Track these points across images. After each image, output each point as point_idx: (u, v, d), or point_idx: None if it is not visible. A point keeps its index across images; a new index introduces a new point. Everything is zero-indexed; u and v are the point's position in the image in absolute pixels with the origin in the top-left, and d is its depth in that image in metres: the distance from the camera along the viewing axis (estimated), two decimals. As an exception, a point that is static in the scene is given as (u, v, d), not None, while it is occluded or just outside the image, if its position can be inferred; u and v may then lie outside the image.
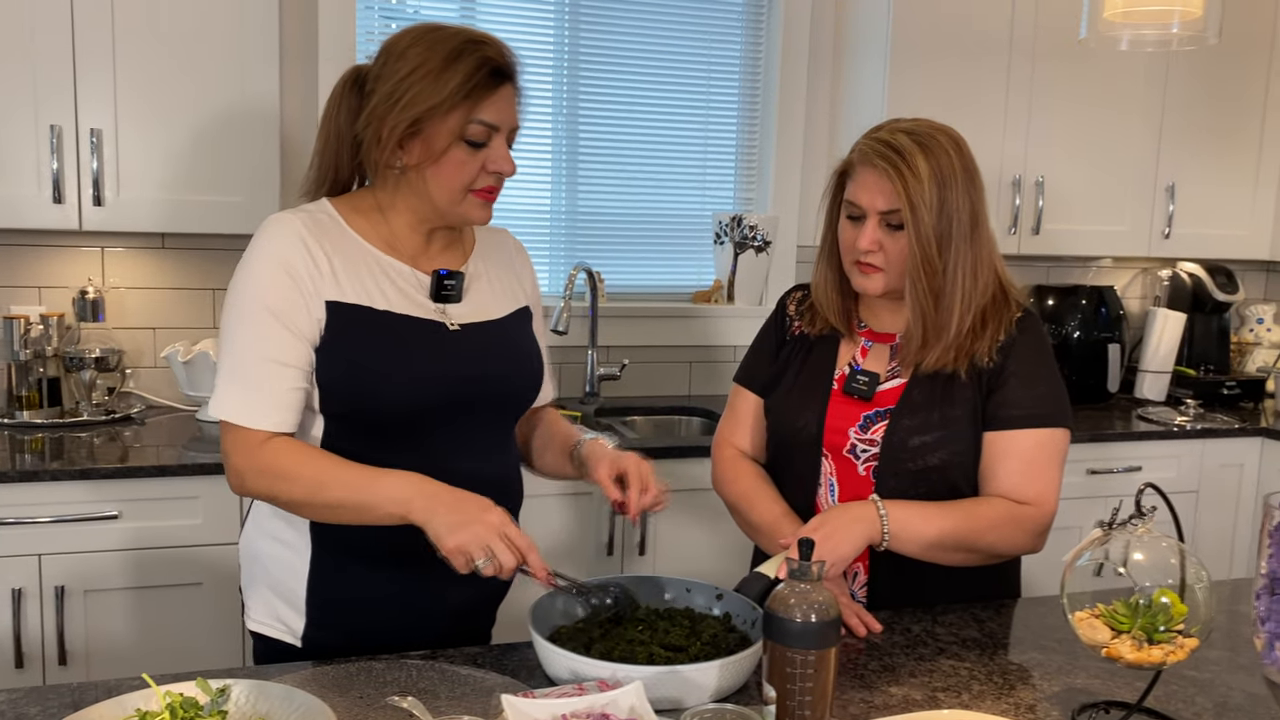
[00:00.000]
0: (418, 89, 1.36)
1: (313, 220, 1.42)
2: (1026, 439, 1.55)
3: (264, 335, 1.36)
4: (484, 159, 1.40)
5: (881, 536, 1.45)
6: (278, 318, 1.36)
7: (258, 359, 1.36)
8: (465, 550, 1.26)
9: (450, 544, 1.26)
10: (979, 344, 1.56)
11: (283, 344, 1.37)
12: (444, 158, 1.38)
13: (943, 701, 1.27)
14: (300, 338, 1.38)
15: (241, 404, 1.36)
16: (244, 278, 1.39)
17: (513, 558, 1.27)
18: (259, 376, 1.36)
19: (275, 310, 1.36)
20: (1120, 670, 1.35)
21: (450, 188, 1.41)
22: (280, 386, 1.37)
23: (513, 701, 1.09)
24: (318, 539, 1.45)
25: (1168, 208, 3.32)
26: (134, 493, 2.25)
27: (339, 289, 1.40)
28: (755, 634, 1.33)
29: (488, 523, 1.27)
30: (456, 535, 1.26)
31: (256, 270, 1.38)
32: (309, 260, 1.39)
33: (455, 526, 1.26)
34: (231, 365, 1.38)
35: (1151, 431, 3.07)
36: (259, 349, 1.36)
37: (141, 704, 1.09)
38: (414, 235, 1.48)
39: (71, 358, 2.61)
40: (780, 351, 1.73)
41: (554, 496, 2.56)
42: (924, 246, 1.50)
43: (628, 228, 3.25)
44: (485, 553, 1.26)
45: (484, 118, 1.38)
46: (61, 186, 2.37)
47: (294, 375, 1.37)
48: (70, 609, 2.23)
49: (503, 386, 1.51)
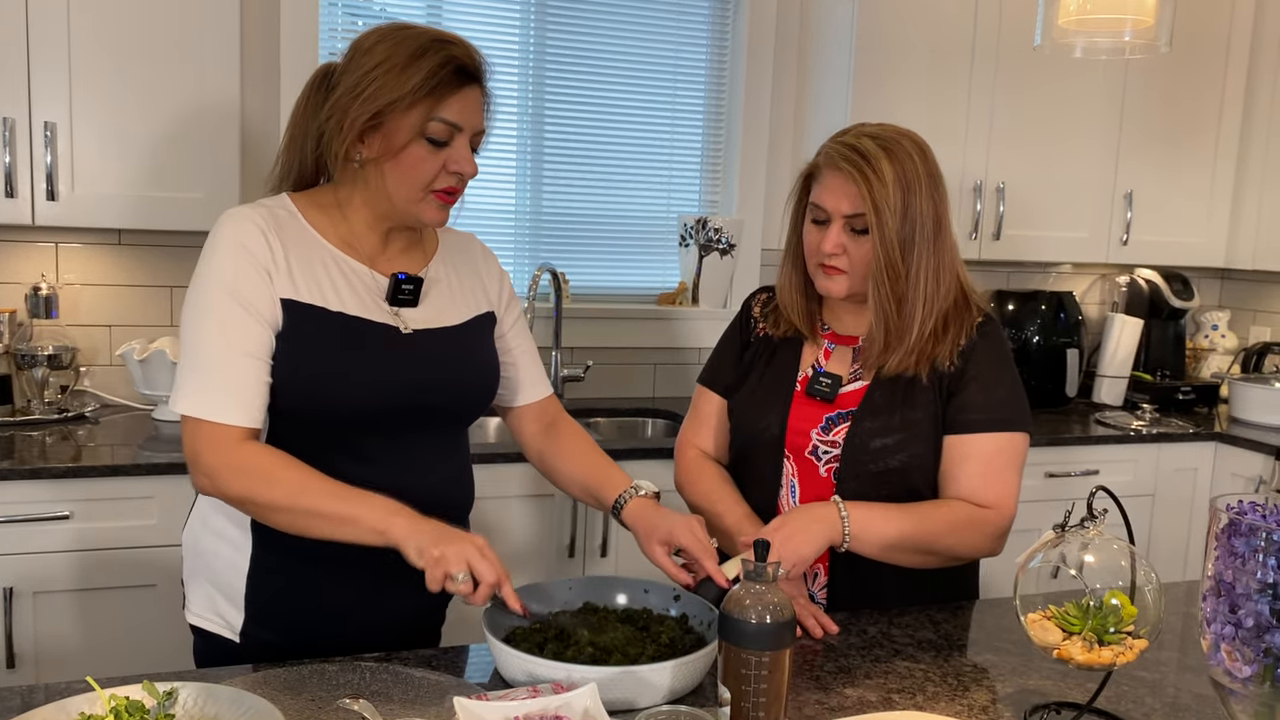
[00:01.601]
0: (380, 82, 1.35)
1: (270, 215, 1.41)
2: (986, 443, 1.56)
3: (230, 325, 1.34)
4: (445, 158, 1.39)
5: (843, 537, 1.46)
6: (242, 305, 1.34)
7: (223, 351, 1.33)
8: (446, 561, 1.24)
9: (435, 552, 1.24)
10: (940, 348, 1.57)
11: (249, 334, 1.34)
12: (403, 153, 1.37)
13: (898, 703, 1.28)
14: (265, 325, 1.35)
15: (209, 399, 1.33)
16: (205, 269, 1.37)
17: (494, 574, 1.26)
18: (228, 371, 1.33)
19: (239, 297, 1.34)
20: (1073, 671, 1.36)
21: (409, 185, 1.39)
22: (249, 381, 1.34)
23: (465, 704, 1.08)
24: (259, 537, 1.43)
25: (1126, 215, 3.36)
26: (86, 493, 2.21)
27: (294, 287, 1.38)
28: (712, 635, 1.33)
29: (472, 540, 1.27)
30: (441, 545, 1.25)
31: (218, 259, 1.36)
32: (267, 252, 1.37)
33: (438, 539, 1.26)
34: (195, 358, 1.34)
35: (1108, 436, 3.11)
36: (226, 341, 1.33)
37: (86, 708, 1.07)
38: (371, 234, 1.46)
39: (24, 355, 2.56)
40: (744, 353, 1.74)
41: (515, 499, 2.55)
42: (888, 251, 1.51)
43: (592, 229, 3.25)
44: (464, 566, 1.24)
45: (446, 116, 1.37)
46: (14, 180, 2.33)
47: (262, 368, 1.35)
48: (19, 611, 2.18)
49: (452, 394, 1.49)
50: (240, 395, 1.33)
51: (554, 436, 1.66)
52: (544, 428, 1.67)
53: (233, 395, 1.33)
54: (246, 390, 1.34)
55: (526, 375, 1.66)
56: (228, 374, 1.33)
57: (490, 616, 1.31)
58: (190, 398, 1.33)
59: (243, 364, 1.33)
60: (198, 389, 1.33)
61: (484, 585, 1.26)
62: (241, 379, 1.33)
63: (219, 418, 1.32)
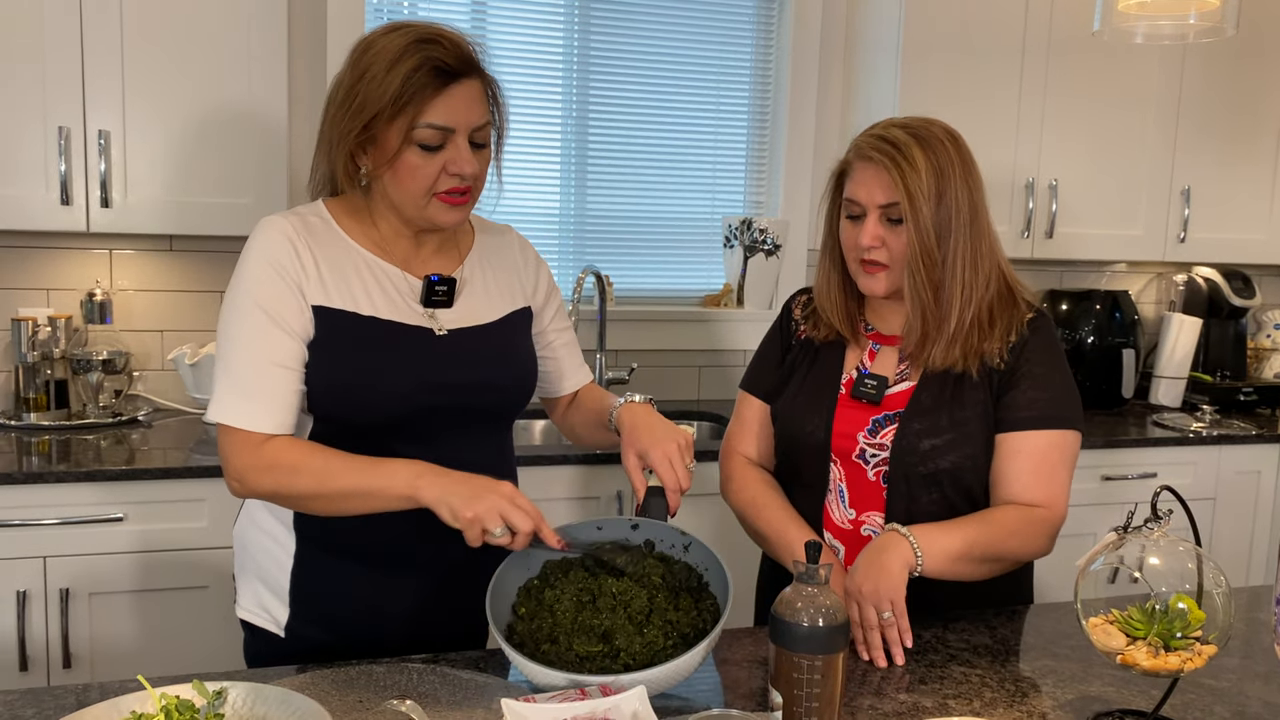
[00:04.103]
0: (365, 93, 1.33)
1: (303, 223, 1.41)
2: (1038, 440, 1.52)
3: (260, 336, 1.35)
4: (442, 161, 1.36)
5: (915, 556, 1.41)
6: (271, 318, 1.36)
7: (255, 361, 1.35)
8: (481, 520, 1.24)
9: (467, 515, 1.24)
10: (988, 344, 1.54)
11: (278, 345, 1.35)
12: (398, 163, 1.36)
13: (953, 709, 1.24)
14: (294, 337, 1.37)
15: (241, 408, 1.35)
16: (237, 280, 1.39)
17: (529, 524, 1.25)
18: (257, 380, 1.35)
19: (269, 310, 1.36)
20: (1135, 678, 1.32)
21: (410, 192, 1.38)
22: (279, 389, 1.35)
23: (513, 706, 1.07)
24: (302, 534, 1.44)
25: (1183, 212, 3.28)
26: (140, 495, 2.24)
27: (325, 293, 1.39)
28: (689, 555, 1.36)
29: (501, 493, 1.26)
30: (473, 506, 1.24)
31: (248, 271, 1.38)
32: (296, 261, 1.38)
33: (470, 498, 1.25)
34: (229, 368, 1.37)
35: (1167, 438, 3.03)
36: (256, 351, 1.35)
37: (137, 706, 1.07)
38: (401, 238, 1.46)
39: (79, 360, 2.61)
40: (786, 357, 1.71)
41: (562, 501, 2.54)
42: (923, 238, 1.48)
43: (637, 231, 3.24)
44: (500, 522, 1.24)
45: (432, 120, 1.34)
46: (69, 188, 2.37)
47: (291, 377, 1.36)
48: (75, 612, 2.22)
49: (490, 393, 1.48)
50: (268, 402, 1.34)
51: (575, 398, 1.69)
52: (571, 398, 1.70)
53: (260, 402, 1.34)
54: (274, 398, 1.35)
55: (568, 366, 1.67)
56: (256, 383, 1.35)
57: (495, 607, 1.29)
58: (221, 405, 1.36)
59: (271, 373, 1.35)
60: (227, 397, 1.35)
61: (521, 535, 1.26)
62: (269, 387, 1.35)
63: (246, 424, 1.34)
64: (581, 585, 1.32)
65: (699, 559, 1.38)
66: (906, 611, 1.39)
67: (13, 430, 2.50)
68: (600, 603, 1.30)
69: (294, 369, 1.36)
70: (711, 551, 1.37)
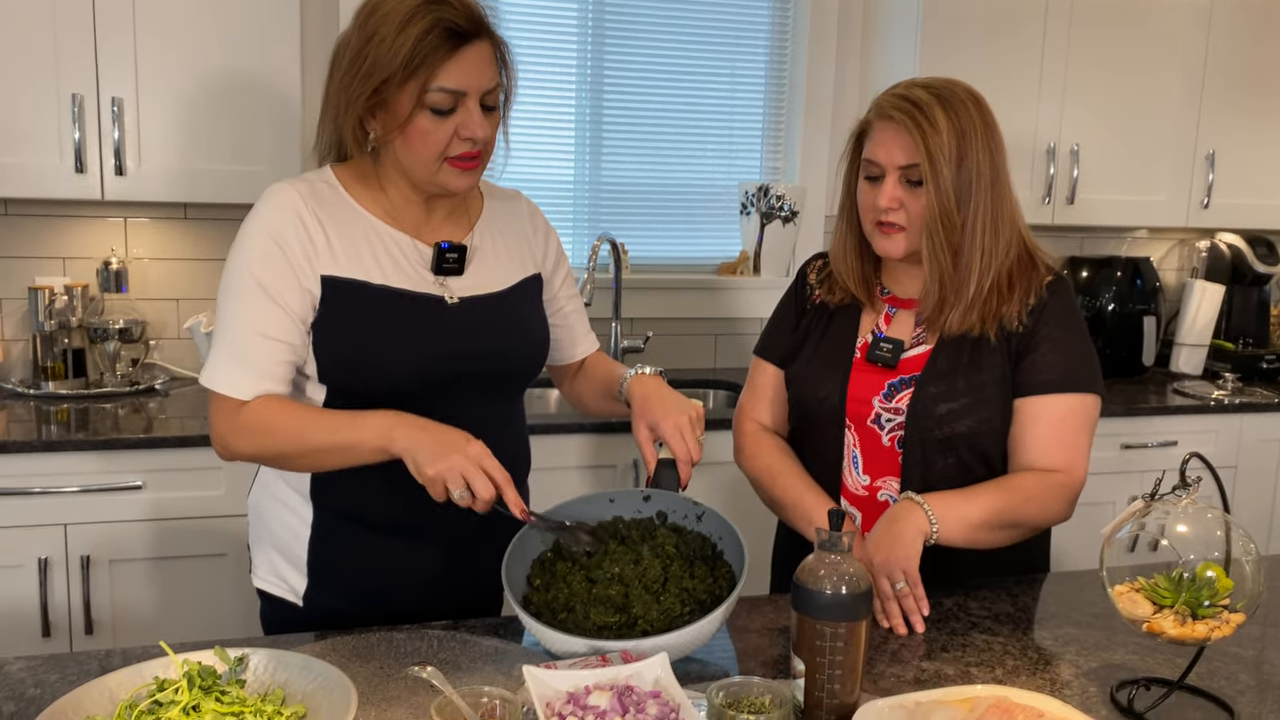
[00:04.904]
0: (374, 57, 1.30)
1: (311, 190, 1.40)
2: (1057, 404, 1.50)
3: (252, 307, 1.34)
4: (454, 125, 1.33)
5: (929, 524, 1.40)
6: (265, 291, 1.34)
7: (245, 331, 1.34)
8: (442, 478, 1.23)
9: (429, 472, 1.23)
10: (1007, 307, 1.52)
11: (269, 317, 1.34)
12: (409, 127, 1.33)
13: (976, 677, 1.24)
14: (288, 312, 1.35)
15: (227, 374, 1.35)
16: (236, 248, 1.38)
17: (489, 490, 1.24)
18: (246, 348, 1.34)
19: (263, 283, 1.34)
20: (1159, 646, 1.30)
21: (422, 158, 1.35)
22: (267, 358, 1.35)
23: (535, 673, 1.06)
24: (318, 502, 1.44)
25: (1207, 177, 3.23)
26: (158, 463, 2.24)
27: (334, 262, 1.37)
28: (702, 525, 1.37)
29: (468, 454, 1.24)
30: (435, 464, 1.23)
31: (247, 241, 1.37)
32: (303, 233, 1.36)
33: (434, 455, 1.24)
34: (222, 336, 1.36)
35: (1187, 405, 3.00)
36: (247, 321, 1.34)
37: (160, 672, 1.07)
38: (411, 205, 1.44)
39: (95, 329, 2.61)
40: (800, 321, 1.69)
41: (574, 470, 2.54)
42: (943, 201, 1.46)
43: (652, 198, 3.21)
44: (461, 484, 1.23)
45: (444, 84, 1.31)
46: (84, 156, 2.36)
47: (281, 349, 1.36)
48: (96, 579, 2.23)
49: (501, 361, 1.47)
50: (253, 371, 1.34)
51: (582, 366, 1.69)
52: (578, 366, 1.69)
53: (246, 371, 1.34)
54: (260, 367, 1.34)
55: (577, 333, 1.67)
56: (242, 352, 1.34)
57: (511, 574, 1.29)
58: (210, 371, 1.36)
59: (259, 344, 1.34)
60: (218, 364, 1.36)
61: (480, 500, 1.24)
62: (256, 357, 1.34)
63: (229, 390, 1.34)
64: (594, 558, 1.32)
65: (712, 528, 1.38)
66: (921, 581, 1.39)
67: (31, 399, 2.51)
68: (612, 573, 1.29)
69: (283, 341, 1.35)
70: (725, 520, 1.37)
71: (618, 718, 0.99)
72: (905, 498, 1.43)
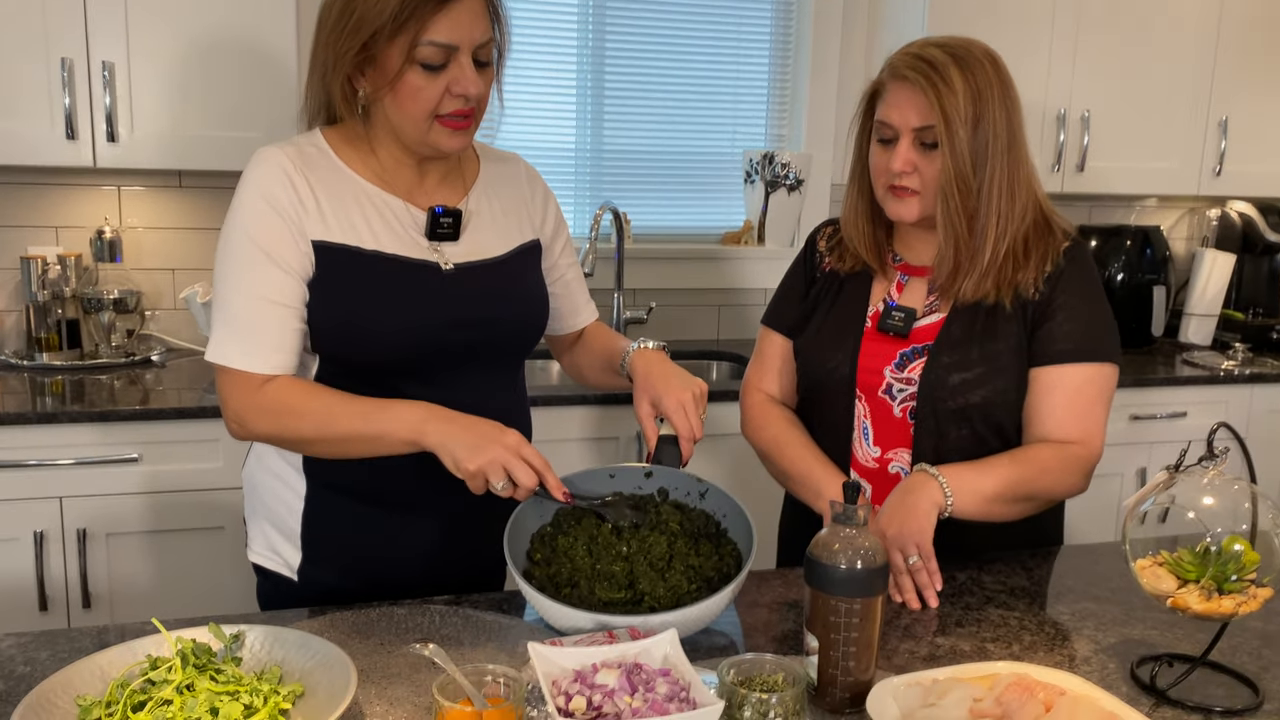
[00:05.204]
0: (361, 11, 1.26)
1: (299, 153, 1.35)
2: (1074, 374, 1.47)
3: (255, 274, 1.30)
4: (445, 81, 1.29)
5: (944, 496, 1.36)
6: (267, 255, 1.30)
7: (251, 300, 1.30)
8: (484, 473, 1.21)
9: (470, 467, 1.20)
10: (1023, 274, 1.48)
11: (275, 283, 1.30)
12: (399, 83, 1.28)
13: (993, 653, 1.21)
14: (292, 274, 1.31)
15: (238, 348, 1.30)
16: (232, 216, 1.33)
17: (531, 479, 1.22)
18: (254, 319, 1.30)
19: (264, 247, 1.30)
20: (1179, 621, 1.28)
21: (412, 116, 1.30)
22: (276, 328, 1.31)
23: (540, 650, 1.03)
24: (311, 475, 1.41)
25: (1220, 143, 3.17)
26: (154, 435, 2.21)
27: (325, 227, 1.33)
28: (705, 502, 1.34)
29: (506, 444, 1.22)
30: (476, 458, 1.20)
31: (242, 206, 1.32)
32: (293, 195, 1.32)
33: (473, 449, 1.21)
34: (226, 307, 1.32)
35: (1197, 376, 2.96)
36: (252, 290, 1.30)
37: (153, 649, 1.04)
38: (403, 167, 1.39)
39: (90, 299, 2.57)
40: (810, 290, 1.65)
41: (575, 442, 2.51)
42: (958, 164, 1.41)
43: (655, 166, 3.15)
44: (503, 475, 1.21)
45: (434, 38, 1.26)
46: (74, 122, 2.31)
47: (289, 315, 1.31)
48: (93, 552, 2.21)
49: (500, 330, 1.43)
50: (265, 342, 1.30)
51: (580, 337, 1.65)
52: (577, 336, 1.66)
53: (257, 342, 1.30)
54: (272, 337, 1.30)
55: (577, 302, 1.63)
56: (252, 322, 1.30)
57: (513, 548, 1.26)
58: (218, 346, 1.32)
59: (268, 311, 1.30)
60: (224, 337, 1.31)
61: (522, 489, 1.22)
62: (266, 326, 1.30)
63: (244, 365, 1.30)
64: (593, 533, 1.29)
65: (716, 505, 1.34)
66: (935, 554, 1.35)
67: (25, 370, 2.47)
68: (616, 550, 1.26)
69: (292, 306, 1.31)
70: (730, 496, 1.34)
71: (626, 696, 0.96)
72: (919, 469, 1.39)
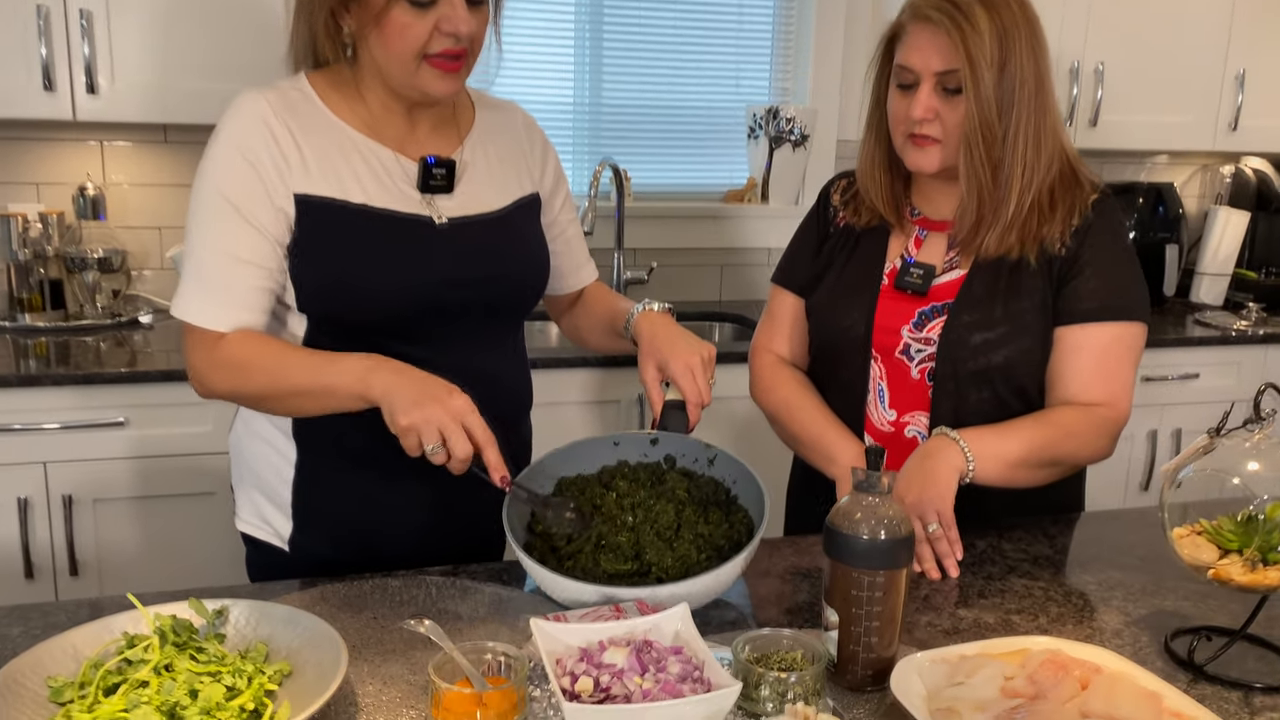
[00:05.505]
0: None
1: (282, 99, 1.27)
2: (1100, 333, 1.40)
3: (223, 229, 1.23)
4: (435, 19, 1.21)
5: (965, 461, 1.30)
6: (237, 210, 1.23)
7: (217, 256, 1.23)
8: (416, 430, 1.11)
9: (402, 422, 1.12)
10: (1048, 228, 1.41)
11: (242, 239, 1.23)
12: (385, 20, 1.20)
13: (1019, 626, 1.15)
14: (262, 233, 1.24)
15: (200, 304, 1.24)
16: (204, 166, 1.26)
17: (466, 449, 1.11)
18: (219, 274, 1.24)
19: (234, 202, 1.23)
20: (1212, 591, 1.21)
21: (398, 55, 1.22)
22: (242, 285, 1.24)
23: (543, 626, 0.97)
24: (301, 440, 1.34)
25: (1236, 97, 3.08)
26: (141, 399, 2.15)
27: (308, 179, 1.25)
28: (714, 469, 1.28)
29: (449, 406, 1.12)
30: (410, 414, 1.11)
31: (214, 158, 1.25)
32: (273, 146, 1.24)
33: (411, 404, 1.12)
34: (192, 261, 1.25)
35: (1209, 337, 2.91)
36: (218, 245, 1.23)
37: (130, 627, 0.98)
38: (393, 114, 1.31)
39: (73, 258, 2.48)
40: (823, 246, 1.58)
41: (575, 405, 2.45)
42: (983, 110, 1.34)
43: (656, 122, 3.07)
44: (437, 438, 1.11)
45: None
46: (52, 73, 2.21)
47: (256, 273, 1.24)
48: (79, 519, 2.15)
49: (497, 289, 1.35)
50: (228, 299, 1.23)
51: (580, 297, 1.58)
52: (576, 296, 1.59)
53: (220, 300, 1.23)
54: (235, 295, 1.24)
55: (578, 260, 1.56)
56: (217, 279, 1.24)
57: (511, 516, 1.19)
58: (181, 301, 1.25)
59: (233, 269, 1.23)
60: (188, 293, 1.25)
61: (455, 460, 1.12)
62: (230, 283, 1.23)
63: (204, 321, 1.24)
64: (597, 502, 1.23)
65: (725, 471, 1.28)
66: (956, 522, 1.29)
67: (7, 332, 2.40)
68: (621, 519, 1.20)
69: (259, 265, 1.24)
70: (740, 462, 1.27)
71: (637, 677, 0.89)
72: (939, 433, 1.33)
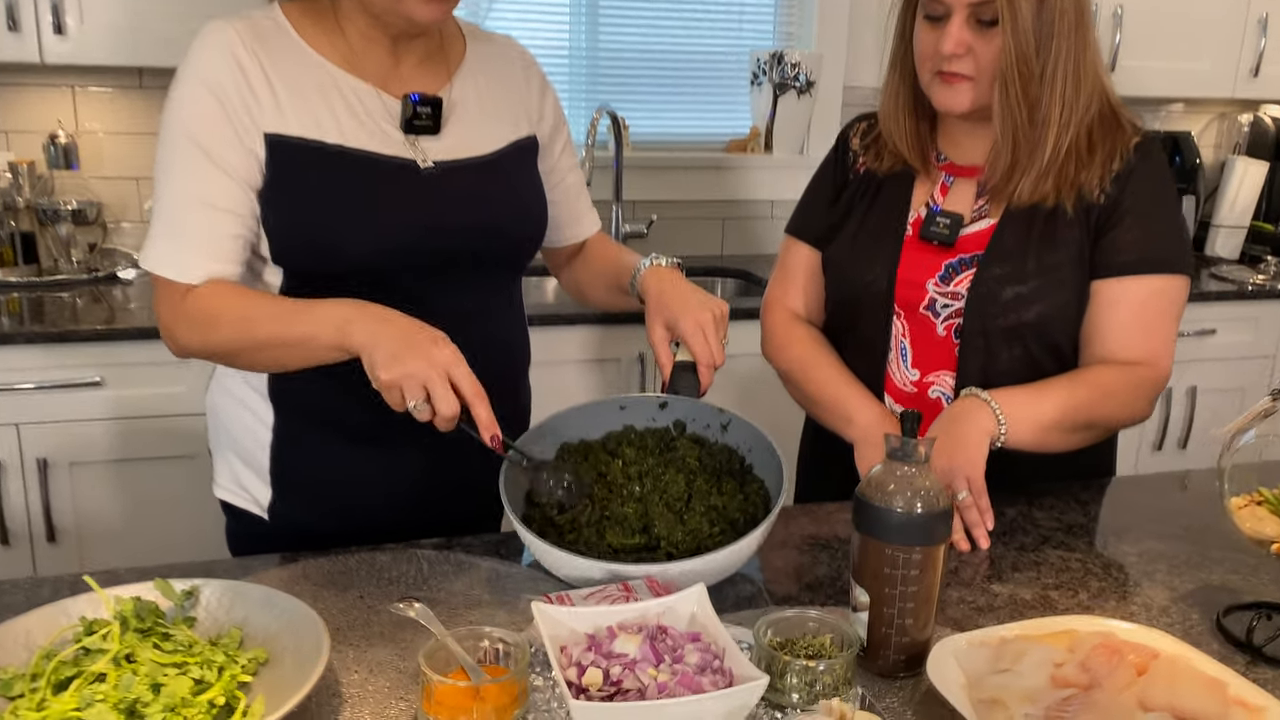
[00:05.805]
0: None
1: (252, 30, 1.15)
2: (1140, 287, 1.30)
3: (190, 173, 1.13)
4: None
5: (997, 424, 1.21)
6: (205, 152, 1.12)
7: (185, 201, 1.13)
8: (398, 385, 1.01)
9: (383, 376, 1.01)
10: (1086, 173, 1.30)
11: (212, 183, 1.13)
12: None
13: (1058, 603, 1.06)
14: (232, 176, 1.14)
15: (169, 254, 1.14)
16: (168, 104, 1.15)
17: (452, 406, 1.01)
18: (187, 222, 1.13)
19: (201, 143, 1.12)
20: (1262, 563, 1.13)
21: None
22: (212, 233, 1.14)
23: (546, 610, 0.88)
24: (278, 403, 1.25)
25: (1259, 42, 2.97)
26: (119, 357, 2.05)
27: (281, 118, 1.14)
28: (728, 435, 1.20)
29: (433, 359, 1.02)
30: (392, 368, 1.01)
31: (179, 95, 1.14)
32: (242, 81, 1.13)
33: (393, 357, 1.02)
34: (161, 209, 1.15)
35: (1225, 291, 2.82)
36: (185, 190, 1.13)
37: (89, 611, 0.89)
38: (374, 47, 1.20)
39: (45, 210, 2.36)
40: (841, 194, 1.47)
41: (574, 363, 2.35)
42: (1021, 43, 1.23)
43: (655, 68, 2.94)
44: (421, 393, 1.01)
45: None
46: (15, 11, 2.09)
47: (227, 220, 1.14)
48: (55, 482, 2.06)
49: (488, 241, 1.25)
50: (197, 248, 1.14)
51: (581, 250, 1.48)
52: (577, 249, 1.49)
53: (189, 250, 1.14)
54: (205, 244, 1.14)
55: (579, 209, 1.45)
56: (185, 227, 1.14)
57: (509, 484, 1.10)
58: (149, 251, 1.16)
59: (201, 215, 1.13)
60: (158, 241, 1.15)
61: (441, 417, 1.02)
62: (199, 231, 1.13)
63: (173, 274, 1.14)
64: (601, 470, 1.14)
65: (740, 439, 1.19)
66: (986, 489, 1.20)
67: (-23, 288, 2.29)
68: (628, 490, 1.11)
69: (230, 211, 1.14)
70: (755, 428, 1.18)
71: (651, 669, 0.81)
72: (968, 394, 1.24)
